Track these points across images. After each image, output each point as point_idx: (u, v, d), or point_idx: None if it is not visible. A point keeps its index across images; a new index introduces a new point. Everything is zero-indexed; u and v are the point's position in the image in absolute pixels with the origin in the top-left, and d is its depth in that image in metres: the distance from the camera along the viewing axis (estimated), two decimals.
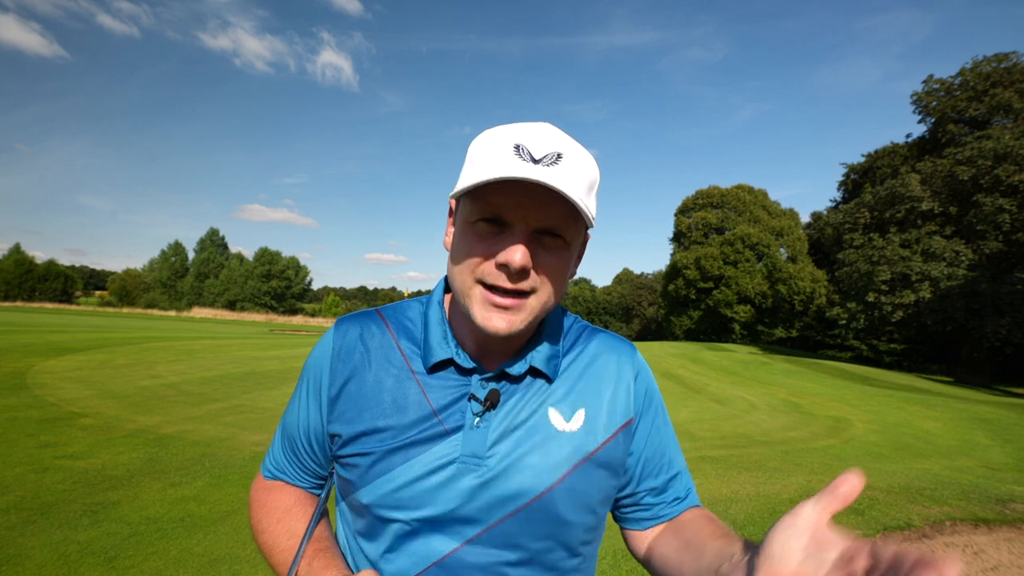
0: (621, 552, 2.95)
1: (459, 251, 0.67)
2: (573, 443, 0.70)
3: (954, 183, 25.26)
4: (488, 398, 0.70)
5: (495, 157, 0.63)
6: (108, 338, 13.43)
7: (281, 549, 0.73)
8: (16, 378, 7.24)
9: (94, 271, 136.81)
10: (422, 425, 0.69)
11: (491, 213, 0.64)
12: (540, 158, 0.62)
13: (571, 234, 0.67)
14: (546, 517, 0.68)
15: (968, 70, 27.38)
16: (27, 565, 2.57)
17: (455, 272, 0.68)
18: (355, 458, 0.70)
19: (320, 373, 0.76)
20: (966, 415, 10.40)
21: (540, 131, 0.66)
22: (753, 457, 5.61)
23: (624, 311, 73.38)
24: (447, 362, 0.72)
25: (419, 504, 0.67)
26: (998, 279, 23.05)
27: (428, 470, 0.67)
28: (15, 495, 3.38)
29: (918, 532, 3.33)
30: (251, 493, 0.84)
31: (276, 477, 0.82)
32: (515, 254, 0.62)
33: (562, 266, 0.67)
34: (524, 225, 0.63)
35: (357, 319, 0.79)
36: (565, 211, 0.63)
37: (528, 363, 0.72)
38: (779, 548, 0.48)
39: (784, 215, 42.23)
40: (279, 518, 0.77)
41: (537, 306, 0.67)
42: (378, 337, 0.76)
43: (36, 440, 4.57)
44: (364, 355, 0.74)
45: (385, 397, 0.71)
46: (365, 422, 0.70)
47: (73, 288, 66.97)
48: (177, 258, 70.10)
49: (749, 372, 16.23)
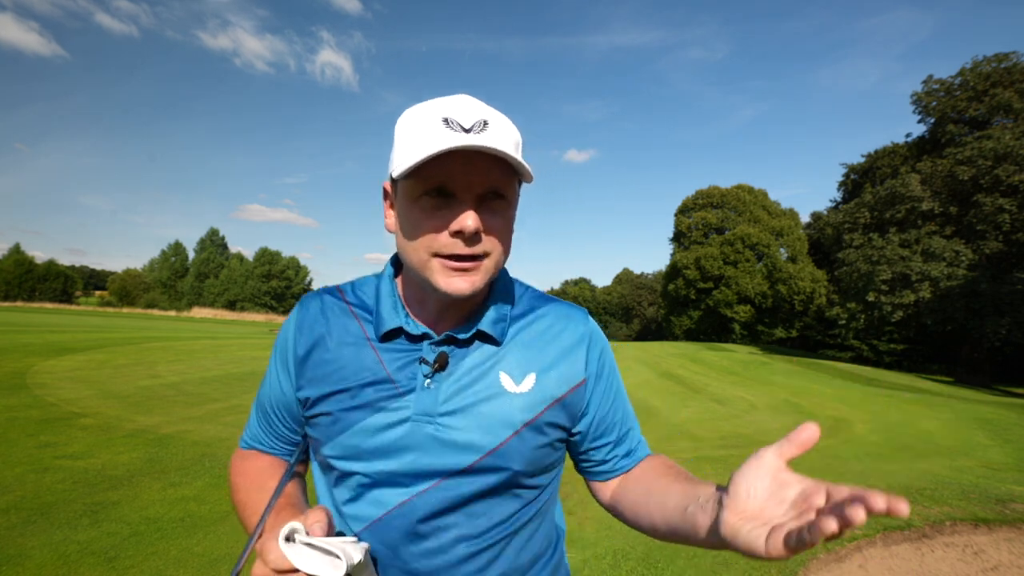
0: (621, 552, 2.96)
1: (409, 228, 0.70)
2: (523, 402, 0.74)
3: (954, 183, 25.25)
4: (437, 360, 0.74)
5: (427, 132, 0.65)
6: (108, 338, 13.43)
7: (252, 502, 0.79)
8: (16, 378, 7.24)
9: (94, 271, 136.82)
10: (378, 387, 0.74)
11: (435, 186, 0.66)
12: (470, 127, 0.65)
13: (511, 192, 0.71)
14: (496, 470, 0.72)
15: (968, 70, 27.38)
16: (27, 565, 2.57)
17: (409, 249, 0.70)
18: (320, 417, 0.77)
19: (287, 344, 0.81)
20: (966, 415, 10.39)
21: (463, 103, 0.69)
22: None
23: (624, 311, 73.37)
24: (398, 330, 0.76)
25: (376, 457, 0.72)
26: (998, 279, 23.04)
27: (383, 425, 0.72)
28: (15, 495, 3.37)
29: (918, 532, 3.33)
30: (231, 462, 0.91)
31: (251, 447, 0.89)
32: (467, 220, 0.65)
33: (508, 224, 0.72)
34: (469, 192, 0.67)
35: (318, 295, 0.85)
36: (502, 172, 0.67)
37: (475, 327, 0.76)
38: (744, 488, 0.54)
39: (784, 215, 42.23)
40: (253, 478, 0.83)
41: (491, 266, 0.71)
42: (337, 309, 0.81)
43: (36, 440, 4.57)
44: (325, 325, 0.79)
45: (345, 362, 0.76)
46: (329, 385, 0.76)
47: (73, 288, 66.98)
48: (177, 258, 70.13)
49: (749, 372, 16.23)
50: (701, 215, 43.54)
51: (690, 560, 2.86)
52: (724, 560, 2.86)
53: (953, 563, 2.99)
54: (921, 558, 3.05)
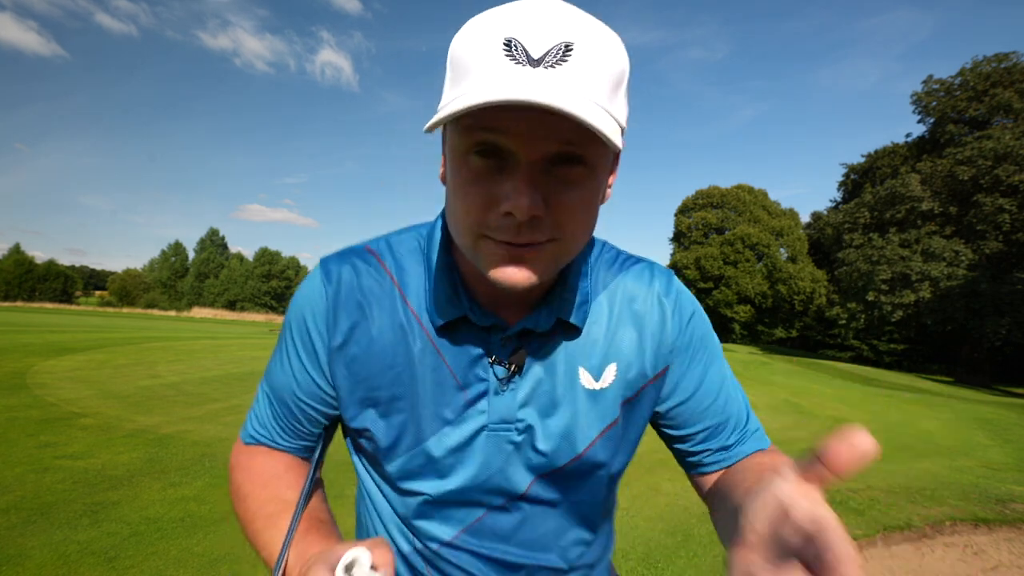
0: (621, 552, 2.95)
1: (454, 195, 0.53)
2: (605, 403, 0.64)
3: (954, 183, 25.27)
4: (513, 361, 0.61)
5: (481, 62, 0.46)
6: (108, 338, 13.42)
7: (266, 516, 0.63)
8: (16, 378, 7.23)
9: (94, 271, 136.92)
10: (444, 394, 0.61)
11: (484, 143, 0.48)
12: (541, 56, 0.45)
13: (595, 153, 0.49)
14: (579, 478, 0.65)
15: (968, 70, 27.39)
16: (27, 565, 2.57)
17: (454, 222, 0.54)
18: (372, 431, 0.63)
19: (312, 326, 0.63)
20: (966, 415, 10.39)
21: (540, 12, 0.47)
22: None
23: None
24: (461, 319, 0.61)
25: (448, 475, 0.62)
26: (998, 279, 23.06)
27: (458, 443, 0.61)
28: (15, 495, 3.37)
29: (918, 532, 3.33)
30: (232, 459, 0.73)
31: (259, 442, 0.70)
32: (522, 199, 0.47)
33: (588, 198, 0.51)
34: (529, 152, 0.47)
35: (347, 258, 0.64)
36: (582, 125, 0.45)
37: (555, 315, 0.61)
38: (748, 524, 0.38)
39: (784, 215, 42.25)
40: (265, 483, 0.66)
41: (561, 252, 0.53)
42: (378, 283, 0.63)
43: (36, 440, 4.57)
44: (364, 304, 0.62)
45: (398, 359, 0.61)
46: (380, 388, 0.62)
47: (73, 288, 67.02)
48: (177, 258, 70.17)
49: (749, 372, 16.23)
50: (701, 215, 43.55)
51: (690, 560, 2.86)
52: (724, 560, 2.86)
53: (953, 563, 2.99)
54: (921, 558, 3.04)
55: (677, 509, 3.66)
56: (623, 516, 3.53)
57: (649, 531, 3.26)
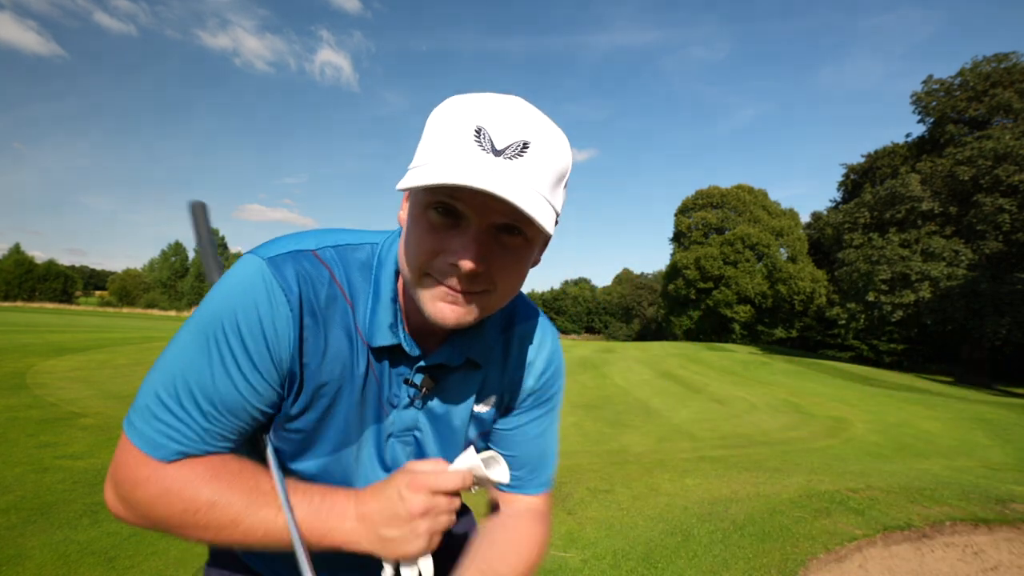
0: (621, 552, 2.95)
1: (411, 238, 0.61)
2: (483, 424, 0.80)
3: (954, 183, 25.26)
4: (423, 385, 0.72)
5: (452, 143, 0.55)
6: (108, 338, 13.42)
7: (259, 504, 0.63)
8: (16, 378, 7.23)
9: (94, 271, 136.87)
10: (370, 406, 0.71)
11: (444, 204, 0.57)
12: (503, 148, 0.55)
13: (533, 230, 0.60)
14: None
15: (968, 70, 27.38)
16: (27, 565, 2.57)
17: (406, 258, 0.63)
18: (301, 431, 0.69)
19: (272, 335, 0.62)
20: (966, 415, 10.40)
21: (507, 110, 0.57)
22: (753, 457, 5.61)
23: (624, 311, 73.33)
24: (395, 346, 0.69)
25: (355, 472, 0.73)
26: (998, 279, 23.05)
27: (369, 447, 0.72)
28: (15, 495, 3.37)
29: (918, 532, 3.33)
30: (149, 486, 0.62)
31: (187, 455, 0.63)
32: (467, 255, 0.56)
33: (520, 265, 0.63)
34: (480, 220, 0.57)
35: (299, 265, 0.64)
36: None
37: (465, 354, 0.72)
38: None
39: (784, 215, 42.24)
40: (229, 483, 0.63)
41: (490, 304, 0.63)
42: (332, 297, 0.66)
43: (36, 440, 4.57)
44: (320, 317, 0.65)
45: (345, 371, 0.68)
46: (324, 396, 0.67)
47: (73, 288, 67.03)
48: (177, 258, 70.14)
49: (749, 372, 16.23)
50: (701, 215, 43.55)
51: (690, 560, 2.86)
52: (724, 560, 2.86)
53: (953, 563, 2.99)
54: (921, 558, 3.04)
55: (677, 509, 3.66)
56: (623, 516, 3.53)
57: (649, 531, 3.25)
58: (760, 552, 2.95)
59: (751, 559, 2.87)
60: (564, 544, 3.06)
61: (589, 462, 5.17)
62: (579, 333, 76.82)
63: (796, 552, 2.94)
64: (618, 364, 16.12)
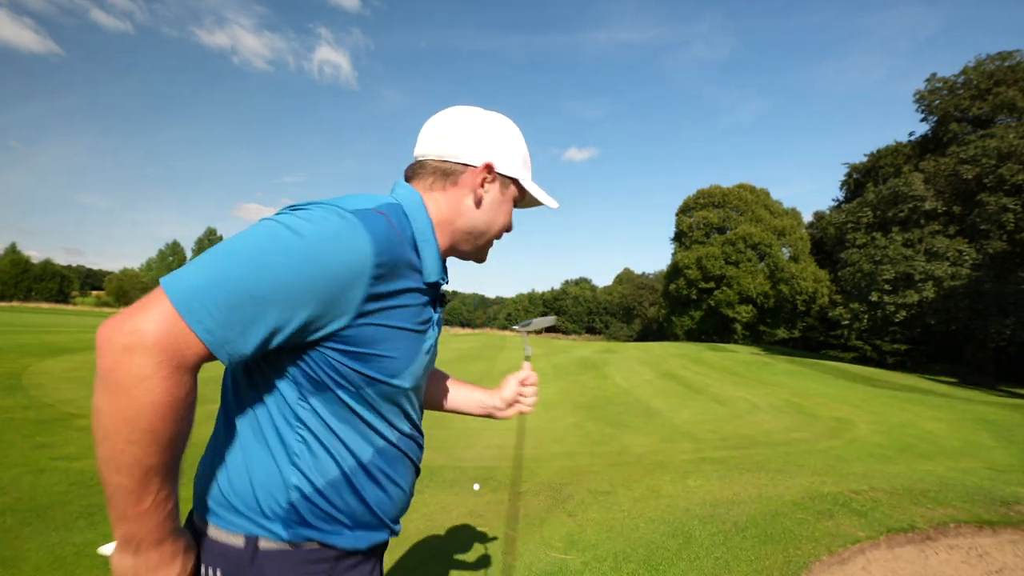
0: (622, 554, 2.92)
1: (498, 213, 0.97)
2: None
3: (957, 182, 25.15)
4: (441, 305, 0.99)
5: (530, 169, 1.03)
6: None
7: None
8: (12, 379, 7.22)
9: (91, 271, 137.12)
10: (427, 324, 0.90)
11: (518, 203, 1.03)
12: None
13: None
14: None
15: (971, 68, 27.27)
16: (23, 567, 2.55)
17: (483, 224, 0.96)
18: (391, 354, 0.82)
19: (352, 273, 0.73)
20: (970, 416, 10.34)
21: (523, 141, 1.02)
22: (755, 458, 5.57)
23: (625, 311, 73.26)
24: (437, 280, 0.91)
25: (421, 372, 0.90)
26: (1002, 279, 22.93)
27: (428, 349, 0.91)
28: (11, 497, 3.35)
29: (922, 534, 3.29)
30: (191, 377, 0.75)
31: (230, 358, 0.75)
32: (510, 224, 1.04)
33: None
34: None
35: (378, 217, 0.79)
36: None
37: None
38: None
39: (786, 214, 42.13)
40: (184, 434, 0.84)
41: None
42: (396, 242, 0.81)
43: (32, 441, 4.55)
44: (397, 259, 0.81)
45: (410, 300, 0.84)
46: (398, 320, 0.82)
47: (70, 288, 67.19)
48: (175, 258, 70.21)
49: (751, 373, 16.17)
50: (702, 214, 43.46)
51: (692, 563, 2.82)
52: (726, 563, 2.83)
53: (957, 565, 2.95)
54: (925, 560, 3.01)
55: (678, 511, 3.62)
56: (624, 518, 3.50)
57: (650, 533, 3.22)
58: (762, 554, 2.91)
59: (753, 561, 2.83)
60: (565, 546, 3.03)
61: (590, 463, 5.14)
62: (580, 333, 76.79)
63: (799, 554, 2.91)
64: (619, 364, 16.08)
